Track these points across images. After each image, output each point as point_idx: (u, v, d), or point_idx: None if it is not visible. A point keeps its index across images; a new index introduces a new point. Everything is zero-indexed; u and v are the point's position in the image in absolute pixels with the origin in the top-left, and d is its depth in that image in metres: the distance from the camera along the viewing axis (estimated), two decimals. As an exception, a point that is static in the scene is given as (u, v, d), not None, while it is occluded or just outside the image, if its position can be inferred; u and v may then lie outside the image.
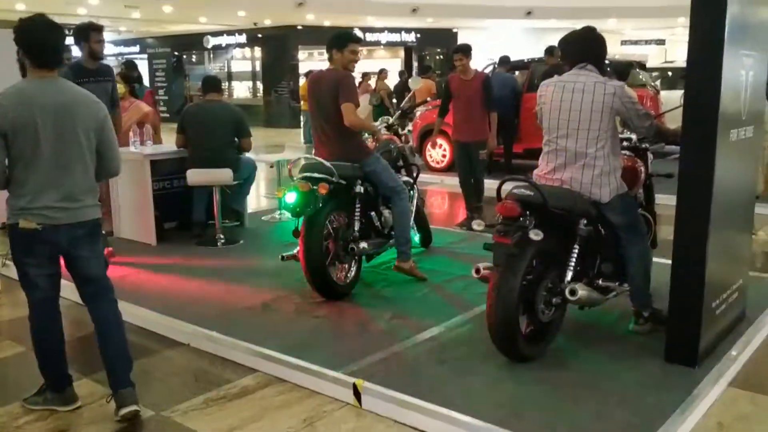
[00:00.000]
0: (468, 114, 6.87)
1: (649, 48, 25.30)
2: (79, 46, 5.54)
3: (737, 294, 4.02)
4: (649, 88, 10.30)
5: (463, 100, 6.89)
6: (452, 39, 23.96)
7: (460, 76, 6.95)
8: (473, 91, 6.85)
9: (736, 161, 3.68)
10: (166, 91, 24.98)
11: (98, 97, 4.99)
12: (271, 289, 4.87)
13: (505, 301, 3.39)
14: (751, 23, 3.66)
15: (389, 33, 23.00)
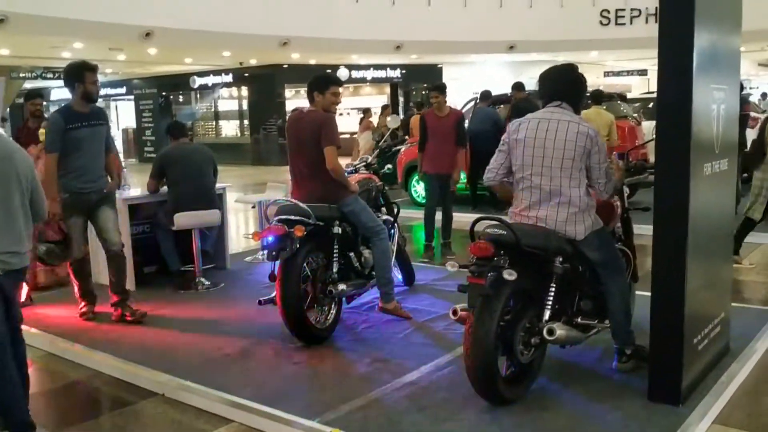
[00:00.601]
0: (441, 149, 7.17)
1: (631, 78, 25.61)
2: (71, 88, 5.07)
3: (720, 327, 3.97)
4: (630, 119, 10.36)
5: (439, 136, 7.19)
6: (437, 74, 24.20)
7: (436, 113, 7.36)
8: (448, 127, 7.21)
9: (711, 194, 3.66)
10: (153, 132, 25.03)
11: (92, 143, 5.04)
12: (250, 335, 4.78)
13: (483, 343, 3.32)
14: (720, 57, 3.67)
15: (374, 70, 23.18)
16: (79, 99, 5.04)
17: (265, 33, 15.71)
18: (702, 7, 3.26)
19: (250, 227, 10.16)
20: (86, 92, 5.03)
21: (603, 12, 18.83)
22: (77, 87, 5.03)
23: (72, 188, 5.03)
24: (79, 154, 5.01)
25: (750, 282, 6.15)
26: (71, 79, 5.05)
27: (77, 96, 5.05)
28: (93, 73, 5.08)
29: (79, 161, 5.02)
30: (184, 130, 6.63)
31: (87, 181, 5.07)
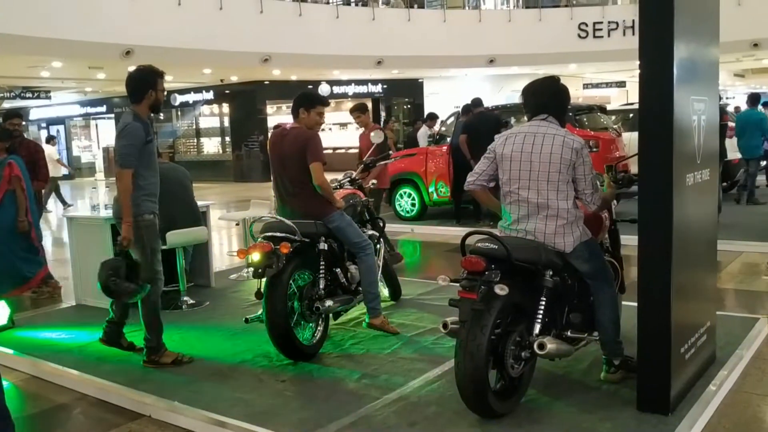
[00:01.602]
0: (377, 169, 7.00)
1: (610, 90, 25.89)
2: (141, 96, 4.46)
3: (706, 336, 4.00)
4: (610, 130, 10.47)
5: (364, 154, 7.25)
6: (419, 88, 24.34)
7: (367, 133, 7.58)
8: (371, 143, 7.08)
9: (694, 204, 3.70)
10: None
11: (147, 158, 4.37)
12: (237, 353, 4.74)
13: (473, 357, 3.31)
14: (699, 68, 3.73)
15: (356, 85, 23.27)
16: (148, 108, 4.52)
17: (246, 50, 15.74)
18: (681, 19, 3.30)
19: (234, 245, 10.12)
20: (157, 101, 4.53)
21: (581, 25, 19.10)
22: (149, 95, 4.47)
23: (152, 209, 4.52)
24: (152, 171, 4.55)
25: (734, 290, 6.21)
26: (144, 86, 4.47)
27: (147, 105, 4.50)
28: (163, 79, 4.58)
29: (153, 179, 4.55)
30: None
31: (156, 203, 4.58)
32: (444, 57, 18.86)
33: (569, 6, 19.57)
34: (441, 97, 23.66)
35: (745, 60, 22.42)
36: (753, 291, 6.24)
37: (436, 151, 10.91)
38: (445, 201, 10.74)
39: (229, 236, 10.95)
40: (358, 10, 18.38)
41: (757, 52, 18.99)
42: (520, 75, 20.51)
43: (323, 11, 17.61)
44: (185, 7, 14.42)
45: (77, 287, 6.46)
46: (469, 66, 20.72)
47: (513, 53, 19.04)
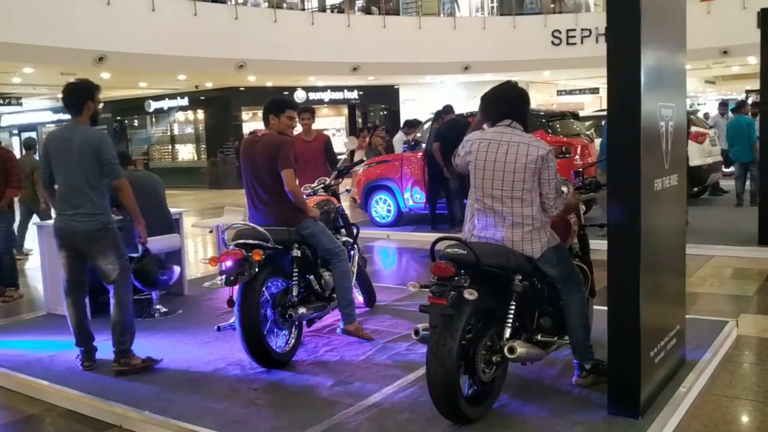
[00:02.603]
0: (312, 174, 6.54)
1: (584, 97, 26.19)
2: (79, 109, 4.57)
3: (676, 340, 4.04)
4: (582, 137, 10.57)
5: (305, 161, 6.90)
6: (394, 95, 24.42)
7: (303, 138, 7.17)
8: (315, 151, 7.13)
9: (662, 209, 3.75)
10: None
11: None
12: (209, 362, 4.70)
13: (444, 363, 3.32)
14: (667, 76, 3.78)
15: (332, 91, 23.28)
16: (89, 120, 4.62)
17: (221, 56, 15.68)
18: (648, 28, 3.35)
19: (209, 252, 10.05)
20: (96, 113, 4.69)
21: (554, 32, 19.32)
22: (89, 105, 4.61)
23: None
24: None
25: (703, 294, 6.29)
26: (83, 96, 4.60)
27: (87, 116, 4.61)
28: (99, 93, 4.73)
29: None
30: (129, 158, 6.59)
31: None
32: (419, 64, 18.96)
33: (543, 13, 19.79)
34: (417, 103, 23.76)
35: (715, 67, 22.81)
36: (722, 294, 6.34)
37: (412, 157, 10.93)
38: (421, 207, 10.77)
39: (204, 243, 10.87)
40: (334, 17, 18.42)
41: (726, 59, 19.35)
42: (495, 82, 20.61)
43: (299, 18, 17.60)
44: (159, 13, 14.33)
45: (48, 297, 6.36)
46: (444, 73, 20.85)
47: (488, 60, 19.20)
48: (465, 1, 21.55)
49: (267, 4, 17.55)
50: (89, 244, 4.55)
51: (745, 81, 26.06)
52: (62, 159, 4.55)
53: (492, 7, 22.02)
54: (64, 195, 4.57)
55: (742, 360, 4.60)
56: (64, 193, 4.58)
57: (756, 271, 7.05)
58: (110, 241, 4.57)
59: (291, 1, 19.39)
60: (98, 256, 4.56)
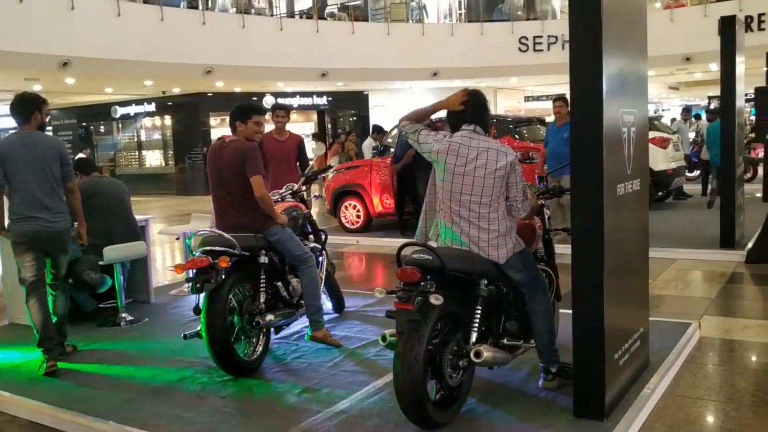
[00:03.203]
0: (284, 177, 6.42)
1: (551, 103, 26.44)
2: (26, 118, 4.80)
3: (639, 342, 4.10)
4: (550, 142, 10.67)
5: (278, 161, 6.67)
6: (364, 101, 24.46)
7: (275, 137, 6.82)
8: (288, 152, 6.80)
9: (625, 213, 3.81)
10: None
11: None
12: (175, 370, 4.64)
13: (412, 368, 3.33)
14: (628, 82, 3.84)
15: (301, 97, 23.24)
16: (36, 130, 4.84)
17: (188, 62, 15.55)
18: (609, 36, 3.41)
19: (176, 259, 9.94)
20: (43, 123, 4.92)
21: (521, 39, 19.52)
22: (36, 116, 4.83)
23: None
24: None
25: (667, 296, 6.40)
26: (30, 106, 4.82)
27: (35, 126, 4.82)
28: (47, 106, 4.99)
29: None
30: (93, 164, 6.51)
31: None
32: (388, 70, 19.02)
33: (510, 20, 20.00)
34: (386, 109, 23.81)
35: (679, 73, 23.25)
36: (686, 297, 6.45)
37: (381, 163, 10.95)
38: (390, 212, 10.79)
39: (172, 250, 10.76)
40: (302, 23, 18.38)
41: (689, 66, 19.73)
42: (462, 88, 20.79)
43: (267, 23, 17.54)
44: (125, 18, 14.17)
45: (9, 306, 6.24)
46: (413, 79, 20.94)
47: (456, 66, 19.32)
48: (433, 8, 21.67)
49: (235, 9, 17.46)
50: (61, 242, 4.84)
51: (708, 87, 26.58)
52: (24, 164, 4.68)
53: (460, 13, 22.18)
54: (31, 199, 4.70)
55: (704, 361, 4.68)
56: (30, 196, 4.70)
57: (718, 273, 7.19)
58: (70, 240, 4.98)
59: (259, 7, 19.33)
60: (62, 254, 4.90)
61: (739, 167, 8.31)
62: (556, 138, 8.33)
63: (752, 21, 16.52)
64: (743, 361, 4.75)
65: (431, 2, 21.45)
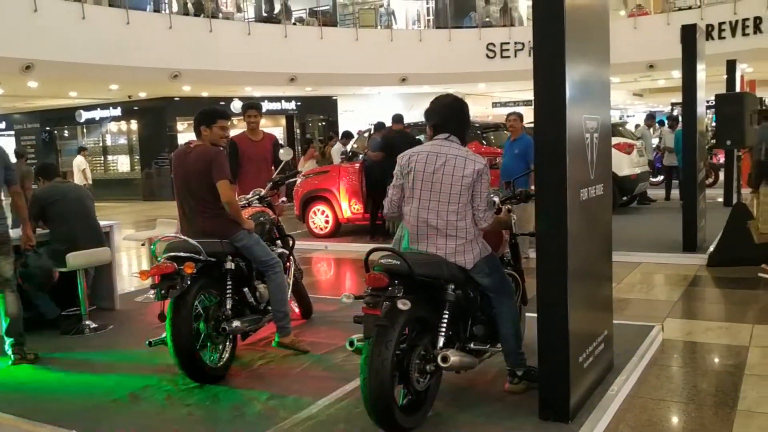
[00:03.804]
0: (260, 177, 6.21)
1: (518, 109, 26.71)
2: None
3: (603, 345, 4.16)
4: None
5: (254, 163, 6.41)
6: (332, 106, 24.43)
7: (249, 137, 6.53)
8: (264, 152, 6.50)
9: (589, 218, 3.86)
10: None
11: None
12: (140, 378, 4.58)
13: (379, 373, 3.33)
14: (591, 89, 3.91)
15: (269, 102, 23.11)
16: None
17: (155, 66, 15.39)
18: (572, 43, 3.46)
19: (142, 265, 9.82)
20: None
21: (489, 46, 19.70)
22: None
23: None
24: None
25: (631, 299, 6.50)
26: None
27: None
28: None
29: None
30: (55, 169, 6.37)
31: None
32: (357, 75, 19.03)
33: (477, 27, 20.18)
34: (355, 114, 23.82)
35: (643, 80, 23.67)
36: (649, 300, 6.56)
37: (349, 168, 10.95)
38: (359, 217, 10.79)
39: (138, 257, 10.62)
40: (271, 28, 18.30)
41: (653, 73, 20.10)
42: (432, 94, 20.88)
43: (235, 27, 17.44)
44: (90, 21, 13.97)
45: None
46: (381, 84, 20.99)
47: (424, 72, 19.42)
48: (401, 14, 21.76)
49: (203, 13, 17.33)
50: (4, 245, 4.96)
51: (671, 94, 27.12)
52: None
53: (428, 20, 22.32)
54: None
55: (667, 363, 4.76)
56: None
57: (681, 276, 7.32)
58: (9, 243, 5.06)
59: (227, 11, 19.21)
60: (4, 255, 4.98)
61: (701, 172, 8.48)
62: (509, 153, 8.42)
63: (713, 30, 16.90)
64: (705, 363, 4.84)
65: (400, 8, 21.54)
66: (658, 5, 20.10)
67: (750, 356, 4.76)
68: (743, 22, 16.76)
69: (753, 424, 3.72)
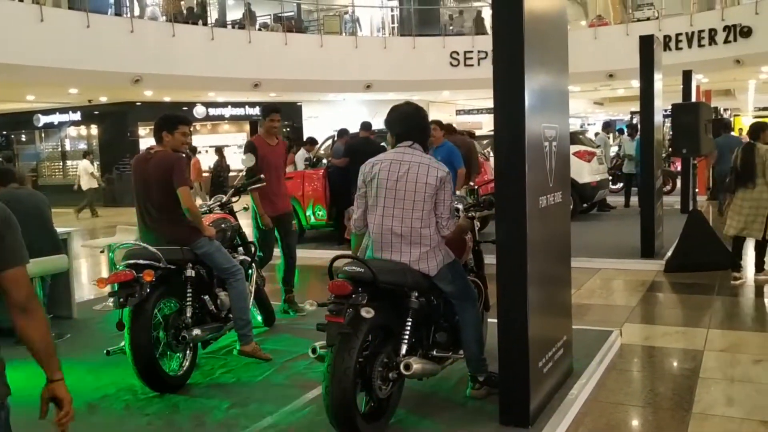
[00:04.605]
0: (279, 183, 6.19)
1: (482, 117, 27.01)
2: None
3: (563, 350, 4.22)
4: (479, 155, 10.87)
5: (273, 169, 6.10)
6: (297, 112, 24.35)
7: (267, 141, 6.17)
8: (281, 157, 6.36)
9: (548, 225, 3.92)
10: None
11: None
12: (98, 388, 4.50)
13: (341, 381, 3.33)
14: (550, 98, 3.97)
15: (233, 107, 22.97)
16: None
17: (116, 70, 15.14)
18: (531, 53, 3.51)
19: (102, 273, 9.64)
20: None
21: (453, 54, 19.85)
22: None
23: None
24: None
25: (591, 305, 6.60)
26: None
27: None
28: None
29: None
30: (11, 174, 6.23)
31: None
32: (321, 81, 19.01)
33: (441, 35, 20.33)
34: (320, 120, 23.78)
35: (603, 89, 24.09)
36: (608, 305, 6.67)
37: (313, 174, 10.93)
38: (323, 224, 10.76)
39: (98, 264, 10.43)
40: (234, 33, 18.20)
41: (612, 82, 20.47)
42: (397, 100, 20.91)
43: (198, 32, 17.28)
44: (48, 24, 13.69)
45: None
46: (346, 91, 20.99)
47: (389, 79, 19.48)
48: (366, 21, 21.83)
49: (165, 18, 17.15)
50: None
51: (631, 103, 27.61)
52: None
53: (393, 27, 22.42)
54: None
55: (625, 367, 4.85)
56: None
57: (639, 282, 7.46)
58: None
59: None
60: None
61: (657, 180, 8.66)
62: None
63: (670, 41, 17.29)
64: (662, 367, 4.94)
65: (364, 15, 21.60)
66: (617, 16, 20.53)
67: (705, 360, 4.88)
68: (699, 33, 17.18)
69: (707, 426, 3.80)
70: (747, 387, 4.42)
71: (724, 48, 16.75)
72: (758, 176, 6.94)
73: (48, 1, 14.58)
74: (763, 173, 6.91)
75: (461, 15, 21.62)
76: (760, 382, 4.46)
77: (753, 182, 6.96)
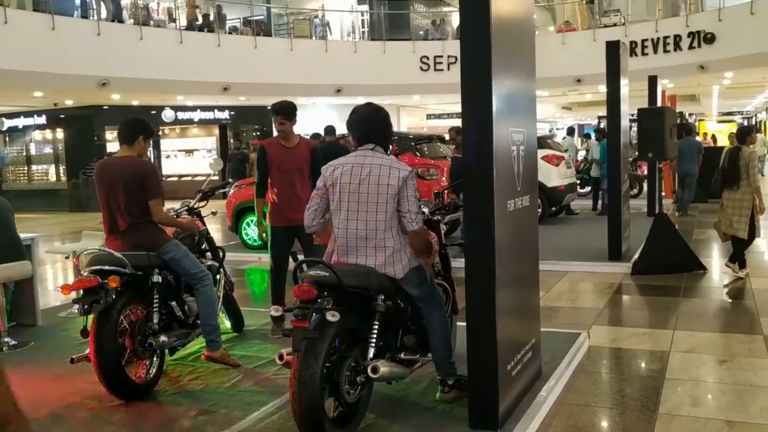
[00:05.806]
0: (294, 189, 5.53)
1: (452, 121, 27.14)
2: None
3: (531, 353, 4.24)
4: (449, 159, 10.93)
5: (287, 173, 5.55)
6: (267, 116, 24.15)
7: (281, 143, 5.61)
8: (300, 161, 5.58)
9: (515, 228, 3.94)
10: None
11: None
12: (62, 396, 4.42)
13: (308, 386, 3.30)
14: (517, 103, 4.00)
15: (202, 111, 22.77)
16: None
17: (82, 73, 14.92)
18: (498, 58, 3.53)
19: (70, 279, 9.47)
20: None
21: (423, 58, 19.94)
22: None
23: None
24: None
25: (559, 307, 6.66)
26: None
27: None
28: None
29: None
30: None
31: None
32: (291, 85, 18.94)
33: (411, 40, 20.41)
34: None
35: (571, 94, 24.36)
36: (576, 308, 6.73)
37: (283, 178, 10.84)
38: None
39: (63, 270, 10.25)
40: (203, 36, 18.05)
41: (580, 87, 20.72)
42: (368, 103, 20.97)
43: (166, 36, 17.13)
44: (12, 26, 13.46)
45: None
46: (316, 95, 20.94)
47: (359, 83, 19.49)
48: (336, 25, 21.82)
49: (133, 20, 16.95)
50: None
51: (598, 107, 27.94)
52: None
53: (363, 31, 22.43)
54: None
55: (593, 369, 4.90)
56: None
57: (607, 284, 7.55)
58: None
59: (159, 19, 18.85)
60: None
61: (624, 183, 8.78)
62: None
63: (636, 46, 17.57)
64: (629, 368, 5.00)
65: (335, 19, 21.59)
66: (585, 22, 20.77)
67: (671, 361, 4.95)
68: (664, 39, 17.48)
69: (673, 426, 3.85)
70: (712, 387, 4.49)
71: (688, 54, 17.07)
72: (742, 178, 7.24)
73: (12, 3, 14.31)
74: (747, 174, 7.14)
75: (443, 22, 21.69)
76: (725, 383, 4.54)
77: (737, 184, 7.28)
